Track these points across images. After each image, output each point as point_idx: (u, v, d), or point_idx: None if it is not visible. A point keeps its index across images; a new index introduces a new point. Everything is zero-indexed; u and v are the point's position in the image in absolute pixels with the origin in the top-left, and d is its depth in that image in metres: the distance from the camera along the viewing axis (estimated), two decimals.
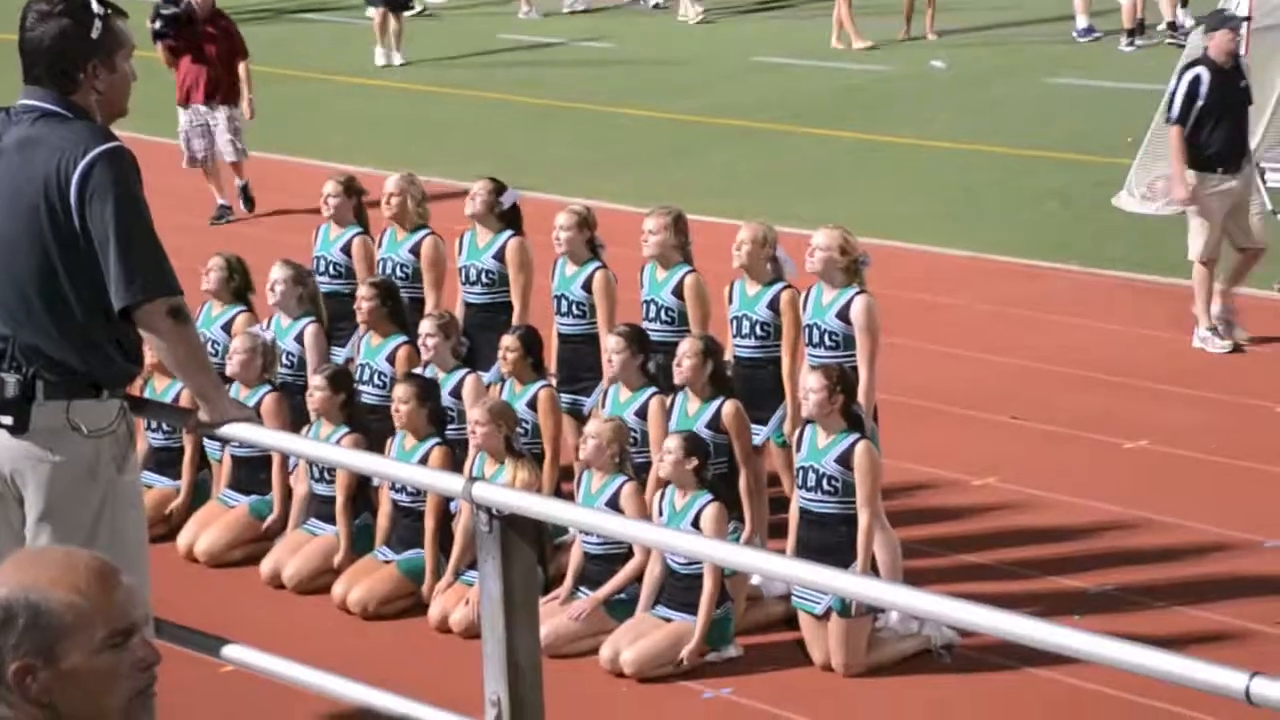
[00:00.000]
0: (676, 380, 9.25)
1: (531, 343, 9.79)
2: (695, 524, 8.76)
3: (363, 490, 9.89)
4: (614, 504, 8.95)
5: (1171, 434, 11.35)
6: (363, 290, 10.34)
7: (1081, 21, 23.38)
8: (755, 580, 9.25)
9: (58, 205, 5.23)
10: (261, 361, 10.20)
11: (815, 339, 9.39)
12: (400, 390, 9.55)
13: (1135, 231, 15.81)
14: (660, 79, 22.44)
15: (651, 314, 10.01)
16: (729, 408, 9.22)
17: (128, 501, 5.41)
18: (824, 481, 8.66)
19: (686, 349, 9.25)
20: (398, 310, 10.33)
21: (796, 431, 8.95)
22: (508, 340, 9.74)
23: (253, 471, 10.25)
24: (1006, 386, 12.33)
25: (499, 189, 10.69)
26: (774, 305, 9.68)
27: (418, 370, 9.94)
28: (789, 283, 9.72)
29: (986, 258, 15.33)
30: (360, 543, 9.81)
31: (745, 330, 9.71)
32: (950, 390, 12.13)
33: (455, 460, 9.49)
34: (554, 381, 10.04)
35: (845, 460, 8.63)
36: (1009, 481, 10.73)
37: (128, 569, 5.29)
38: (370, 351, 10.33)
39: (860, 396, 9.06)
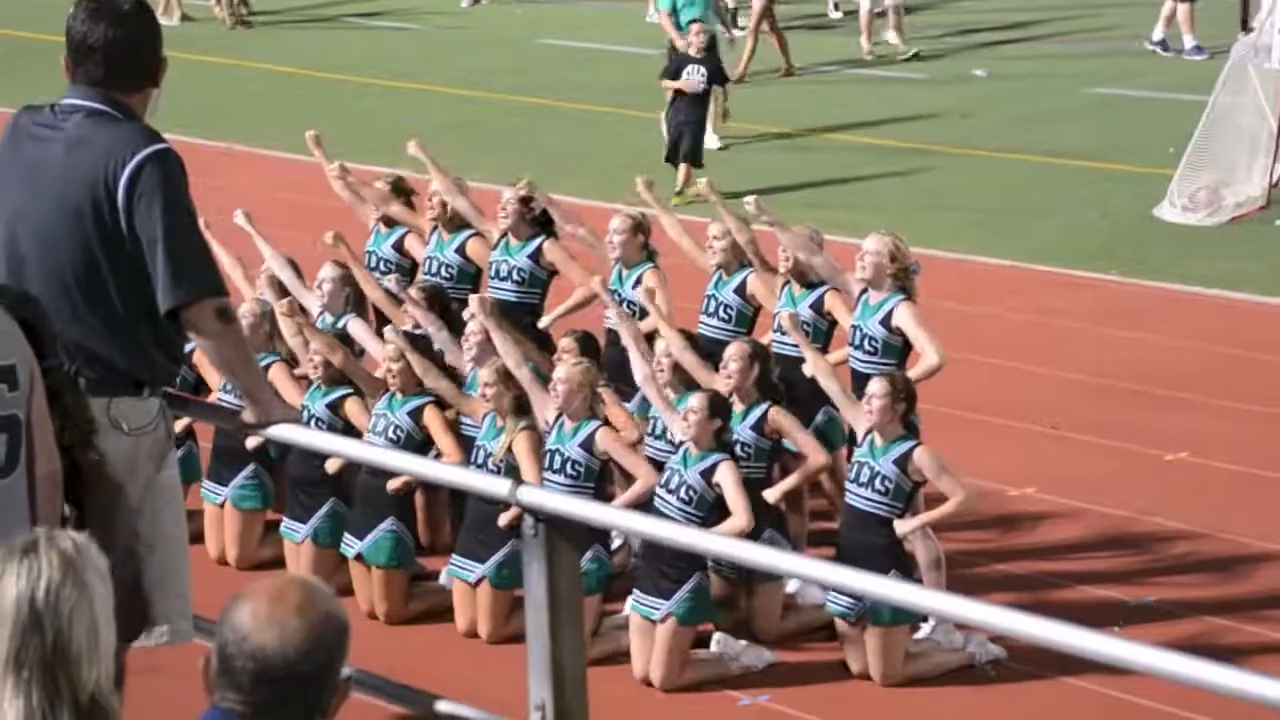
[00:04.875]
0: (722, 386, 9.26)
1: (588, 348, 9.81)
2: (705, 477, 8.77)
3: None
4: (588, 448, 8.98)
5: (1212, 446, 11.29)
6: (412, 293, 10.37)
7: (1158, 34, 22.76)
8: (791, 587, 9.25)
9: (105, 205, 5.23)
10: (268, 328, 10.22)
11: (856, 340, 9.54)
12: (390, 349, 9.65)
13: (1176, 242, 15.75)
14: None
15: (711, 309, 10.24)
16: (773, 413, 9.21)
17: (165, 499, 5.42)
18: (877, 480, 8.74)
19: (733, 353, 9.28)
20: (446, 314, 10.36)
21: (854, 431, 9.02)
22: (566, 342, 9.77)
23: (224, 460, 10.22)
24: (1045, 397, 12.28)
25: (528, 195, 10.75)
26: (817, 306, 9.84)
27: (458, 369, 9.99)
28: (833, 285, 9.80)
29: (1027, 267, 15.28)
30: (397, 554, 9.79)
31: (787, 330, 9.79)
32: (989, 400, 12.09)
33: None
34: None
35: (902, 464, 8.70)
36: (1047, 492, 10.70)
37: (169, 565, 5.34)
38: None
39: (920, 369, 9.27)
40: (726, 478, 8.78)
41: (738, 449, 9.09)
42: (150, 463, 5.35)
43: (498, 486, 4.77)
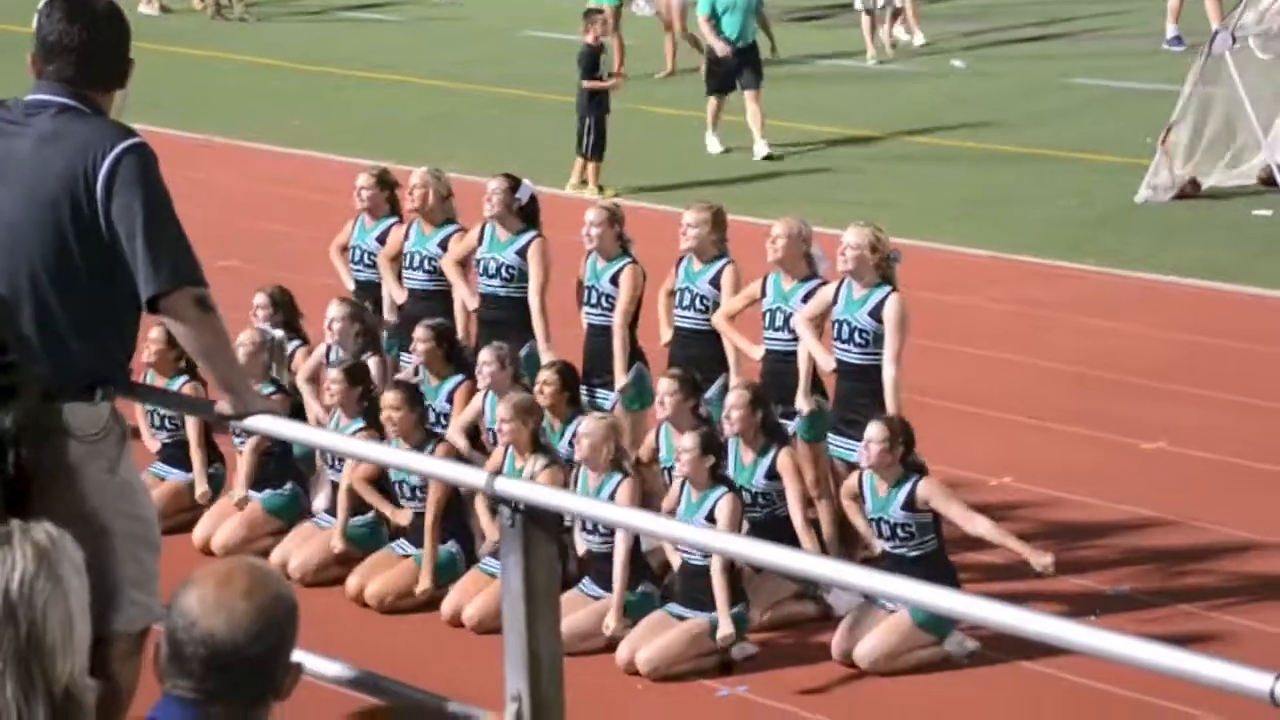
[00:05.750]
0: (727, 433, 9.26)
1: (569, 378, 9.79)
2: (710, 518, 8.82)
3: (452, 510, 9.72)
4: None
5: (1190, 435, 11.33)
6: (419, 332, 10.31)
7: (1171, 30, 22.62)
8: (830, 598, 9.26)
9: (82, 198, 5.24)
10: (267, 358, 10.21)
11: (845, 335, 9.44)
12: (390, 397, 9.64)
13: (1155, 233, 15.80)
14: (685, 79, 22.41)
15: (685, 301, 10.16)
16: (783, 457, 9.25)
17: (120, 500, 5.39)
18: (899, 529, 8.86)
19: (734, 400, 9.27)
20: (454, 352, 10.32)
21: (855, 478, 9.07)
22: (545, 375, 9.71)
23: (268, 466, 10.26)
24: (1024, 386, 12.32)
25: (514, 185, 10.70)
26: (808, 300, 9.80)
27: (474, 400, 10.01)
28: (824, 278, 9.78)
29: (1006, 257, 15.32)
30: (372, 539, 9.83)
31: (779, 324, 9.78)
32: (968, 390, 12.12)
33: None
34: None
35: (911, 504, 8.81)
36: (1025, 481, 10.73)
37: (124, 566, 5.30)
38: (430, 392, 10.30)
39: (888, 394, 9.15)
40: (721, 512, 8.85)
41: (760, 499, 9.18)
42: (102, 465, 5.34)
43: (474, 478, 4.77)
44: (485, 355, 9.87)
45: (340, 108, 21.87)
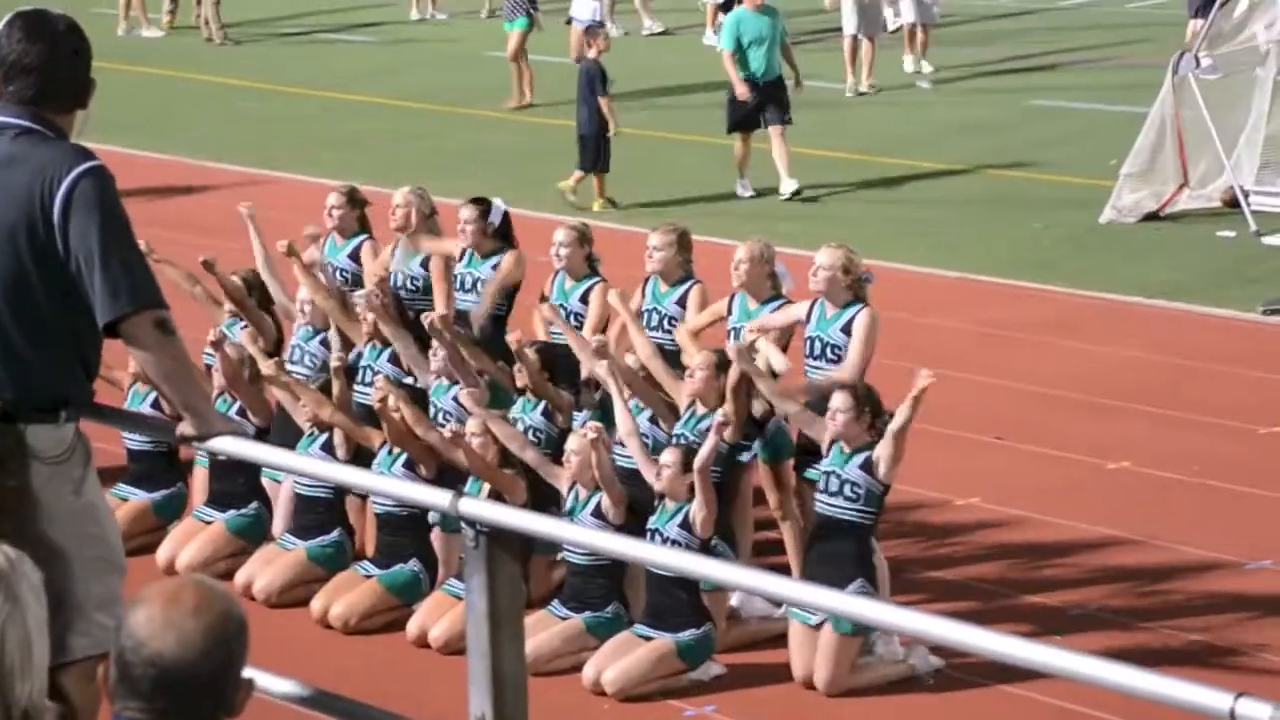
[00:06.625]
0: (686, 390, 9.35)
1: (548, 356, 9.84)
2: (684, 525, 8.83)
3: (335, 507, 9.89)
4: (598, 514, 9.03)
5: (1153, 455, 11.37)
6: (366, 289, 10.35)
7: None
8: (734, 601, 9.27)
9: (39, 222, 5.21)
10: (249, 372, 10.20)
11: (817, 351, 9.51)
12: (466, 212, 9.87)
13: (1118, 254, 15.86)
14: (629, 98, 22.44)
15: (653, 323, 10.17)
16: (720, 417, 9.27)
17: (82, 522, 5.37)
18: (846, 487, 8.83)
19: (700, 362, 9.37)
20: (401, 313, 10.34)
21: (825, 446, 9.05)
22: (528, 354, 9.75)
23: (229, 486, 10.23)
24: (989, 407, 12.35)
25: (484, 211, 10.70)
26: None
27: (414, 382, 9.99)
28: (788, 298, 9.81)
29: (970, 278, 15.37)
30: (338, 559, 9.82)
31: None
32: (933, 410, 12.05)
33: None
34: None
35: (868, 468, 8.78)
36: (992, 502, 10.76)
37: (90, 590, 5.28)
38: (373, 353, 10.32)
39: (834, 377, 9.25)
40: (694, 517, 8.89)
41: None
42: (66, 487, 5.32)
43: (437, 498, 4.77)
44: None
45: (310, 128, 21.85)
